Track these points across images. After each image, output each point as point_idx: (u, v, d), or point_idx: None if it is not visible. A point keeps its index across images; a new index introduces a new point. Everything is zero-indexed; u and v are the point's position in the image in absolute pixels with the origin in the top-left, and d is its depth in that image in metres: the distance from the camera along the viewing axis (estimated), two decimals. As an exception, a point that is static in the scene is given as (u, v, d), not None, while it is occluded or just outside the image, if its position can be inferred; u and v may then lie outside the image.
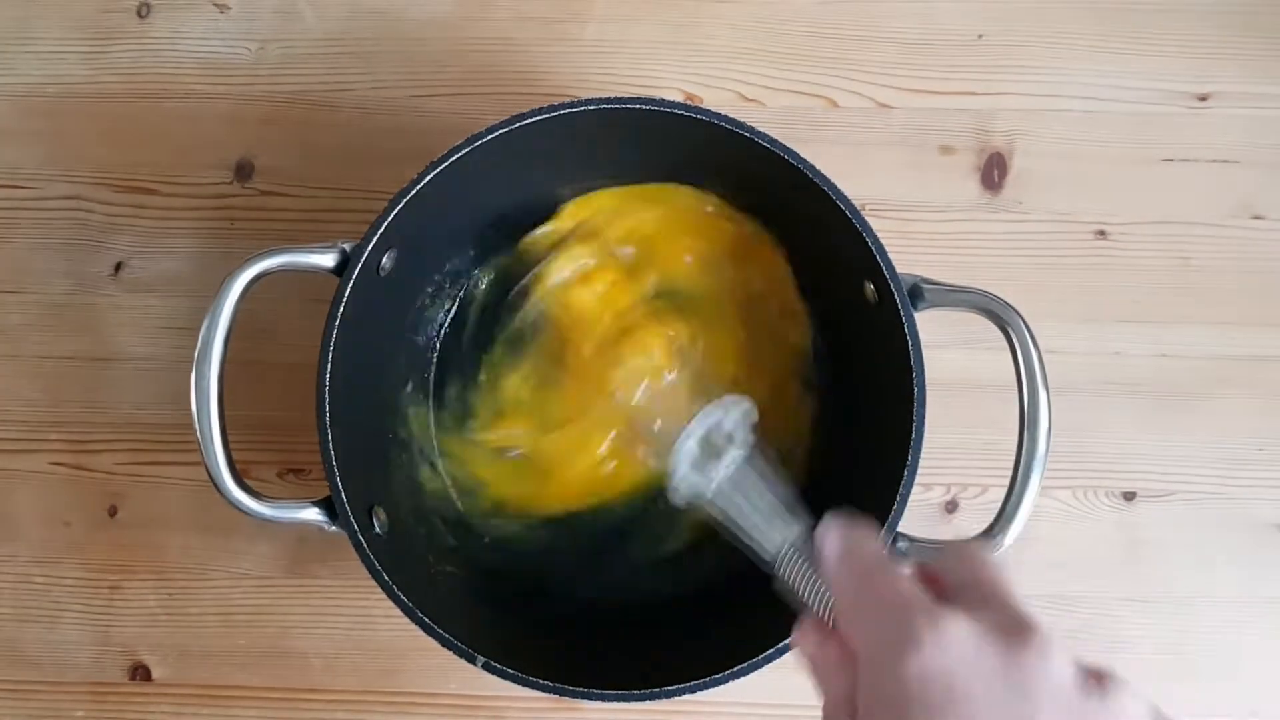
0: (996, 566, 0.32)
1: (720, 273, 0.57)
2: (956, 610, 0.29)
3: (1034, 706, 0.27)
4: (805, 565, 0.37)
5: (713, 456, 0.44)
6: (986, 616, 0.29)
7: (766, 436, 0.45)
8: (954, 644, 0.29)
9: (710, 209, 0.57)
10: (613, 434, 0.56)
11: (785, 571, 0.37)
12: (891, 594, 0.31)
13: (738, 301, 0.57)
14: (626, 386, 0.56)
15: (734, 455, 0.43)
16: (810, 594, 0.36)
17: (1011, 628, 0.29)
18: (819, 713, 0.58)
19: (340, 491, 0.47)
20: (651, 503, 0.56)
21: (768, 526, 0.39)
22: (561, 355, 0.57)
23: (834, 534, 0.35)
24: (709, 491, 0.43)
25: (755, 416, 0.45)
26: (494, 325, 0.58)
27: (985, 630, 0.29)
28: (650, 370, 0.56)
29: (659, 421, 0.55)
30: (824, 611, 0.35)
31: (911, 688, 0.28)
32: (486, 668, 0.46)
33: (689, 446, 0.44)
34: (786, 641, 0.45)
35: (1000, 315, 0.46)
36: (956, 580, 0.32)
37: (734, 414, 0.45)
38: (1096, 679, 0.28)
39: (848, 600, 0.33)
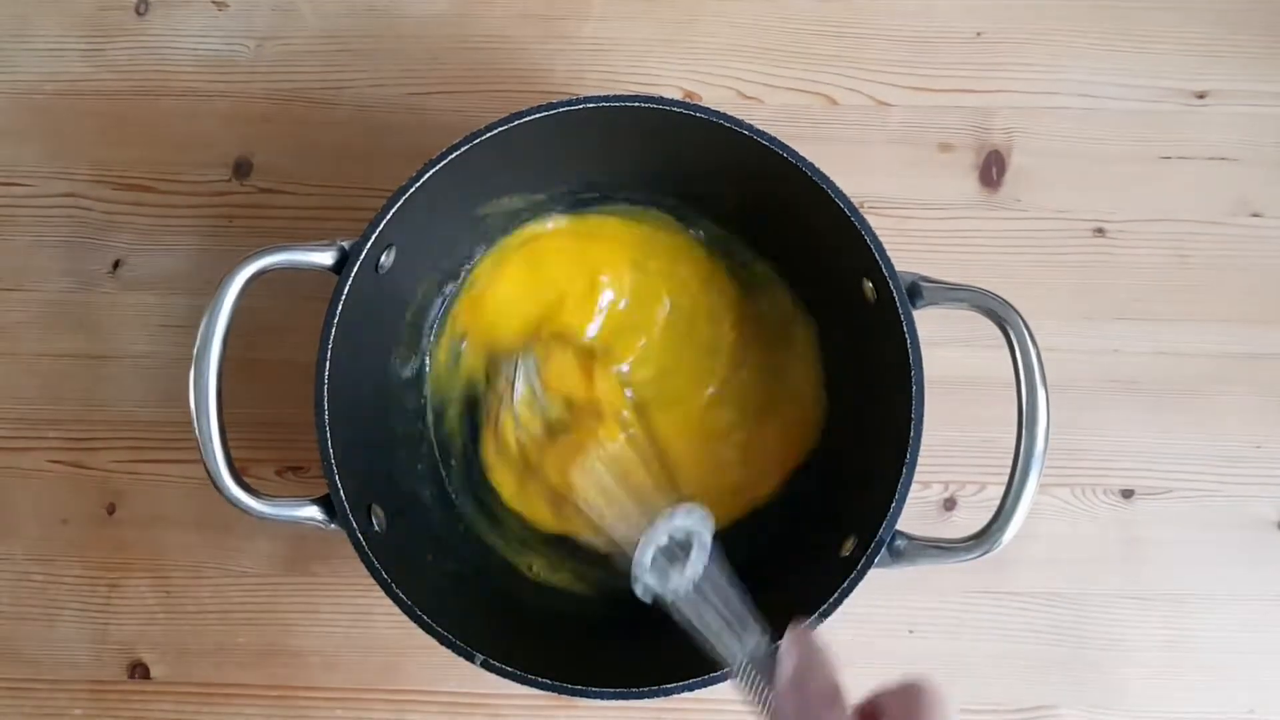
0: (935, 710, 0.32)
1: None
2: None
3: None
4: (761, 680, 0.38)
5: (674, 561, 0.44)
6: None
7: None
8: None
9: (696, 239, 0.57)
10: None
11: (742, 681, 0.38)
12: None
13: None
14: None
15: (695, 563, 0.44)
16: (762, 707, 0.37)
17: None
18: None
19: (339, 490, 0.47)
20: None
21: (729, 636, 0.40)
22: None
23: (792, 656, 0.36)
24: (670, 596, 0.44)
25: (712, 523, 0.45)
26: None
27: None
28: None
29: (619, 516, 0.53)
30: None
31: None
32: (485, 665, 0.46)
33: (649, 553, 0.44)
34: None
35: (999, 313, 0.46)
36: None
37: (693, 519, 0.45)
38: None
39: None
